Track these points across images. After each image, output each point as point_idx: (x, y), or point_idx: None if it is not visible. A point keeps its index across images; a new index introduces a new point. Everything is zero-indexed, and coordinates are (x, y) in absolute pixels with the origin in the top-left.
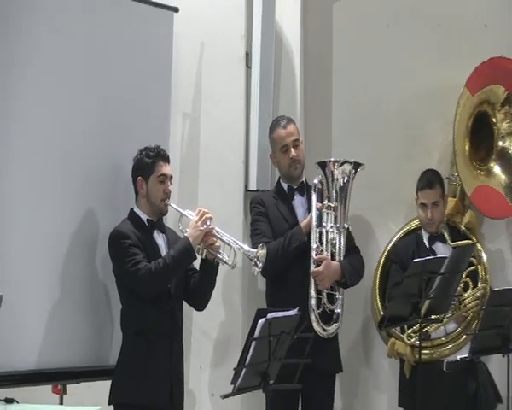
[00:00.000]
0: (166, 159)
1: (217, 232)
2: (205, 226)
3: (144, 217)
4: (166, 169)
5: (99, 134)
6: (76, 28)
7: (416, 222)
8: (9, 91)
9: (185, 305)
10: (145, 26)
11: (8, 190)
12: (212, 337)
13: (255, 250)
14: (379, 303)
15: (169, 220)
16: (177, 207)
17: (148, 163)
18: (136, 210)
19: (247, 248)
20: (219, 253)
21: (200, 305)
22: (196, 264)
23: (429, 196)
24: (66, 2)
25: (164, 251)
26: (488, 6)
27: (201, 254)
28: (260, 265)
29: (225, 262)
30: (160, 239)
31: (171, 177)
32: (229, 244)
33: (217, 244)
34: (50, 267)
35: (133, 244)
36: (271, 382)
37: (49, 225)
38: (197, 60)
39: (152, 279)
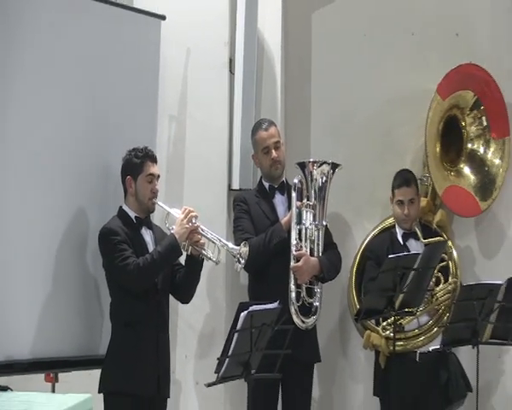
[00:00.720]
0: (154, 159)
1: (202, 230)
2: (190, 224)
3: (132, 214)
4: (154, 169)
5: (89, 135)
6: (67, 35)
7: (390, 220)
8: (2, 95)
9: (171, 298)
10: (134, 33)
11: (2, 189)
12: (197, 329)
13: (238, 247)
14: (355, 297)
15: (156, 218)
16: (164, 206)
17: (137, 163)
18: (125, 208)
19: (230, 245)
20: (204, 249)
21: (185, 298)
22: (182, 260)
23: (406, 193)
24: (57, 9)
25: (151, 247)
26: (459, 16)
27: (187, 250)
28: (243, 261)
29: (210, 258)
30: (147, 236)
31: (159, 176)
32: (213, 241)
33: (202, 241)
34: (43, 262)
35: (122, 241)
36: (253, 371)
37: (42, 222)
38: (183, 65)
39: (140, 274)
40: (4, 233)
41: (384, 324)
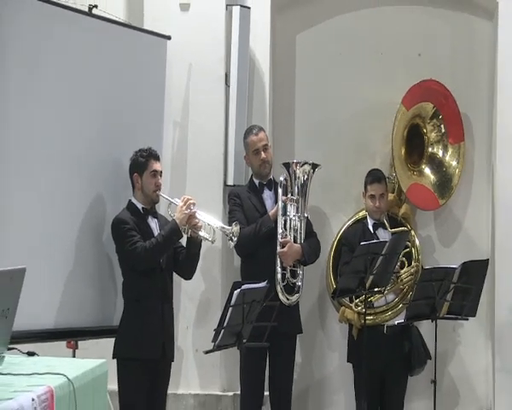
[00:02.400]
0: (157, 158)
1: (199, 215)
2: (189, 210)
3: (140, 206)
4: (157, 166)
5: (105, 139)
6: (87, 53)
7: (362, 213)
8: (34, 104)
9: (175, 276)
10: (144, 50)
11: (32, 180)
12: (196, 303)
13: (230, 227)
14: (332, 278)
15: (161, 208)
16: (167, 196)
17: (142, 162)
18: (134, 200)
19: (223, 225)
20: (201, 231)
21: (187, 275)
22: (184, 242)
23: (377, 189)
24: (76, 30)
25: (156, 233)
26: (421, 38)
27: (187, 233)
28: (235, 239)
29: (206, 239)
30: (152, 223)
31: (161, 172)
32: (208, 224)
33: (199, 224)
34: (66, 244)
35: (131, 228)
36: (244, 341)
37: (65, 209)
38: (185, 78)
39: (147, 255)
40: (32, 218)
41: (356, 301)
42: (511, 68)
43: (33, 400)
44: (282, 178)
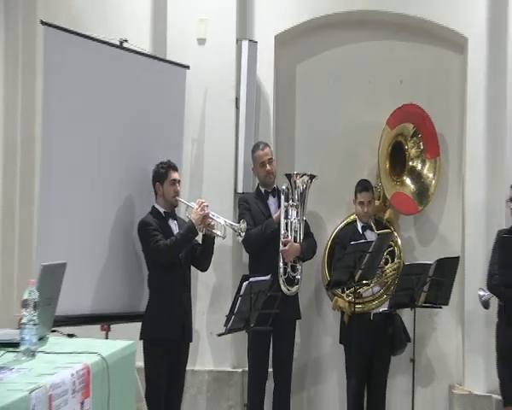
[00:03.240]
0: (175, 168)
1: (212, 215)
2: (203, 212)
3: (162, 210)
4: (176, 175)
5: (134, 153)
6: (119, 80)
7: (353, 217)
8: (75, 122)
9: (193, 268)
10: (167, 78)
11: (75, 186)
12: (210, 293)
13: (238, 224)
14: (326, 272)
15: (180, 211)
16: (184, 201)
17: (163, 172)
18: (156, 206)
19: (232, 223)
20: (214, 229)
21: (203, 268)
22: (199, 240)
23: (366, 196)
24: (110, 61)
25: (175, 232)
26: (403, 68)
27: (202, 231)
28: (243, 234)
29: (218, 235)
30: (172, 224)
31: (180, 181)
32: (220, 222)
33: (212, 223)
34: (100, 242)
35: (154, 229)
36: (252, 325)
37: (100, 213)
38: (202, 101)
39: (168, 251)
40: (72, 220)
41: (347, 292)
42: (478, 94)
43: (72, 375)
44: (284, 187)
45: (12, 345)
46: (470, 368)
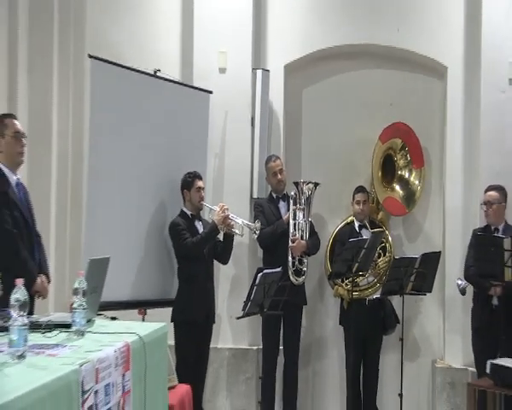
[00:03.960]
0: (200, 177)
1: (231, 216)
2: (224, 214)
3: (189, 213)
4: (200, 183)
5: (166, 165)
6: (153, 103)
7: (351, 218)
8: (119, 141)
9: (215, 262)
10: (193, 102)
11: (118, 193)
12: (230, 282)
13: (253, 224)
14: (328, 265)
15: (205, 214)
16: (208, 205)
17: (190, 181)
18: (185, 209)
19: (248, 222)
20: (233, 228)
21: (224, 262)
22: (221, 237)
23: (361, 196)
24: (146, 87)
25: (200, 231)
26: (393, 92)
27: (223, 230)
28: (257, 232)
29: (237, 233)
30: (198, 225)
31: (204, 188)
32: (238, 222)
33: (231, 223)
34: (138, 240)
35: (182, 228)
36: (265, 310)
37: (138, 214)
38: (223, 121)
39: (194, 247)
40: (115, 220)
41: (346, 281)
42: (456, 115)
43: (115, 351)
44: (292, 193)
45: (65, 326)
46: (450, 345)
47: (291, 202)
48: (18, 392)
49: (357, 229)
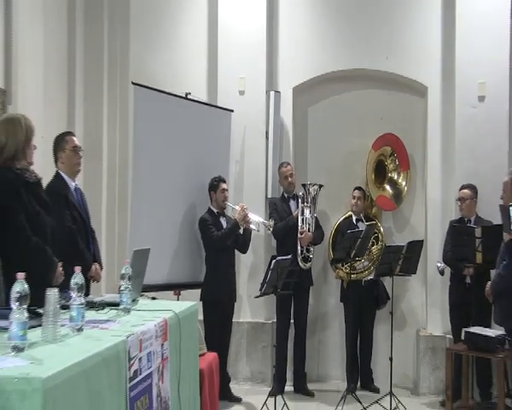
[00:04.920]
0: (224, 181)
1: (250, 215)
2: (244, 212)
3: (215, 210)
4: (224, 186)
5: (196, 172)
6: (185, 121)
7: (349, 213)
8: (159, 153)
9: (236, 252)
10: (217, 118)
11: (156, 195)
12: (249, 268)
13: (268, 222)
14: (331, 252)
15: (228, 211)
16: (231, 204)
17: (215, 184)
18: (211, 207)
19: (264, 220)
20: (251, 224)
21: (243, 251)
22: (241, 232)
23: (358, 193)
24: (179, 108)
25: (224, 226)
26: (383, 108)
27: (243, 226)
28: (271, 229)
29: (254, 229)
30: (222, 221)
31: (227, 190)
32: (255, 220)
33: (250, 221)
34: (174, 232)
35: (210, 224)
36: (278, 290)
37: (174, 212)
38: (242, 135)
39: (219, 240)
40: (155, 217)
41: (345, 265)
42: (435, 127)
43: (155, 325)
44: (300, 193)
45: (114, 305)
46: (431, 317)
47: (299, 200)
48: (78, 358)
49: (354, 222)
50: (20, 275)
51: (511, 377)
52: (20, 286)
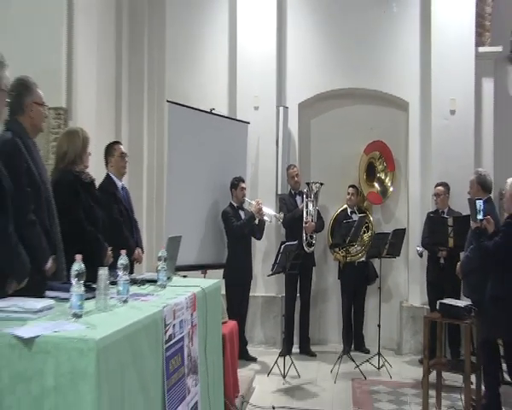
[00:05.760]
0: (243, 180)
1: (264, 208)
2: (259, 206)
3: (235, 205)
4: (243, 184)
5: (220, 173)
6: (210, 132)
7: (344, 206)
8: (190, 159)
9: (252, 239)
10: (236, 130)
11: (187, 192)
12: (263, 251)
13: (279, 214)
14: (330, 238)
15: (245, 205)
16: (248, 200)
17: (236, 183)
18: (232, 202)
19: (275, 213)
20: (265, 216)
21: (258, 238)
22: (256, 223)
23: (352, 190)
24: (205, 122)
25: (243, 218)
26: (372, 120)
27: (258, 217)
28: (281, 220)
29: (267, 220)
30: (241, 213)
31: (245, 188)
32: (268, 212)
33: (264, 213)
34: (201, 222)
35: (231, 215)
36: (287, 270)
37: (201, 205)
38: (256, 143)
39: (239, 229)
40: (186, 210)
41: (342, 250)
42: (415, 135)
43: (186, 298)
44: (305, 190)
45: (153, 282)
46: (412, 291)
47: (304, 196)
48: (124, 324)
49: (349, 214)
50: (78, 257)
51: (476, 339)
52: (78, 266)
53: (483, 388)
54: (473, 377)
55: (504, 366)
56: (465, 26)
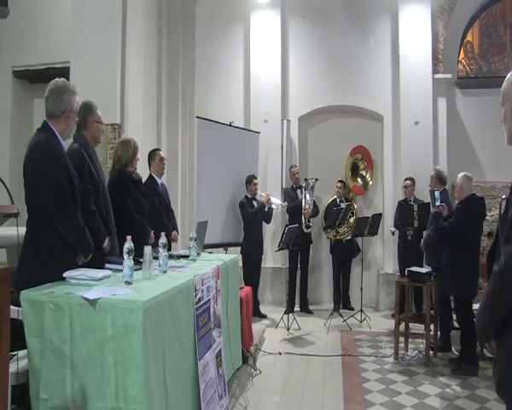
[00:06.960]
0: (255, 177)
1: (272, 198)
2: (268, 197)
3: (250, 196)
4: (256, 181)
5: (238, 172)
6: (229, 142)
7: (335, 197)
8: (216, 161)
9: (263, 223)
10: (250, 139)
11: (211, 189)
12: (271, 232)
13: (283, 203)
14: (323, 222)
15: (257, 196)
16: (259, 192)
17: (250, 179)
18: (247, 195)
19: (282, 202)
20: (273, 204)
21: (268, 222)
22: (266, 210)
23: (340, 184)
24: (225, 133)
25: (255, 207)
26: (356, 131)
27: (267, 206)
28: (285, 208)
29: (274, 208)
30: (254, 203)
31: (257, 183)
32: (275, 202)
33: (272, 202)
34: (223, 210)
35: (246, 205)
36: (290, 246)
37: (222, 197)
38: (266, 149)
39: (252, 215)
40: (212, 201)
41: (333, 231)
42: (388, 141)
43: (211, 269)
44: (303, 184)
45: (186, 257)
46: (386, 262)
47: (303, 189)
48: (164, 289)
49: (338, 203)
50: (129, 237)
51: (434, 297)
52: (128, 244)
53: (439, 333)
54: (432, 326)
55: (454, 316)
56: (424, 58)
